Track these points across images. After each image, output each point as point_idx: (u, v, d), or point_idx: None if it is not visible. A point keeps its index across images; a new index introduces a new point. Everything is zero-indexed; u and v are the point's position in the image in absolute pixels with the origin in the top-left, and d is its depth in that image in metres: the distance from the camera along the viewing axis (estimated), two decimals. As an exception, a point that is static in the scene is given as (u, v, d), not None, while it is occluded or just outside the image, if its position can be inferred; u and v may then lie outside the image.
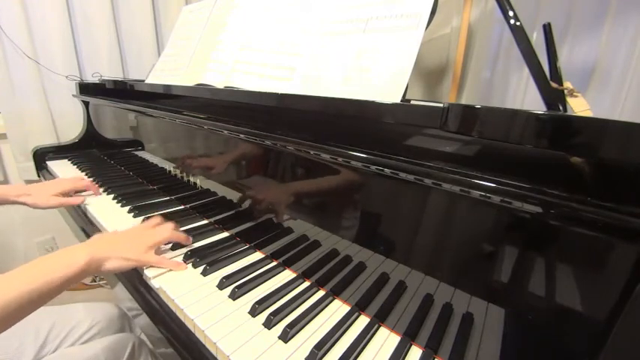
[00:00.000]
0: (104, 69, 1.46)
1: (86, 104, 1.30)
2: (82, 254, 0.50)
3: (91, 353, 0.66)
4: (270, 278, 0.57)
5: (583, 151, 0.30)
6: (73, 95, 1.30)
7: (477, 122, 0.35)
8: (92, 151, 1.32)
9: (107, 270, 0.53)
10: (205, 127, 0.70)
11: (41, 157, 1.23)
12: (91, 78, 1.40)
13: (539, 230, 0.33)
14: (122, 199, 0.86)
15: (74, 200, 0.86)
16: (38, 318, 0.71)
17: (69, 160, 1.23)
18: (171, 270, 0.58)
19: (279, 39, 0.72)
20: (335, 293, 0.53)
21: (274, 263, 0.61)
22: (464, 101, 1.14)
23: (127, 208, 0.82)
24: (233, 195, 0.71)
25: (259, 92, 0.61)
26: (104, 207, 0.84)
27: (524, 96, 0.99)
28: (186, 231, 0.70)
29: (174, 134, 0.88)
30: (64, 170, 1.14)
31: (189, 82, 0.89)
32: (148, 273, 0.57)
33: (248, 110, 0.69)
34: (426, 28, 0.50)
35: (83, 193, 0.91)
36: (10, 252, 1.41)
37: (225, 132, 0.65)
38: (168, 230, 0.62)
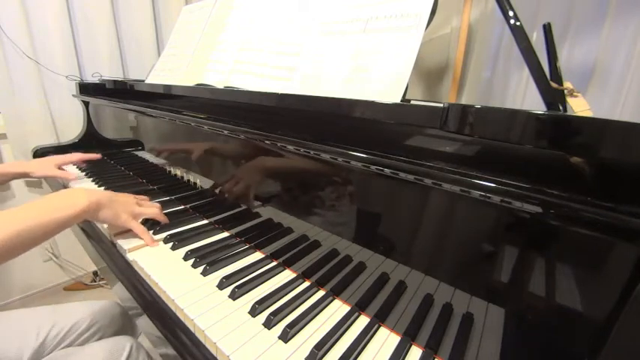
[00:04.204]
0: (104, 69, 1.46)
1: (86, 104, 1.30)
2: (84, 197, 0.57)
3: (88, 355, 0.66)
4: (270, 278, 0.57)
5: (583, 151, 0.30)
6: (73, 95, 1.30)
7: (477, 122, 0.35)
8: (92, 151, 1.32)
9: (100, 218, 0.60)
10: (205, 127, 0.69)
11: (41, 157, 1.23)
12: (91, 78, 1.40)
13: (539, 230, 0.33)
14: (122, 199, 0.86)
15: (66, 174, 0.94)
16: (39, 317, 0.71)
17: (69, 160, 1.23)
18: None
19: (278, 39, 0.72)
20: (335, 293, 0.53)
21: (274, 263, 0.61)
22: (464, 101, 1.14)
23: (127, 208, 0.82)
24: (233, 195, 0.71)
25: (259, 92, 0.61)
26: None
27: (524, 96, 0.99)
28: (186, 231, 0.70)
29: (174, 134, 0.88)
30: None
31: (189, 82, 0.89)
32: (149, 271, 0.57)
33: (248, 110, 0.69)
34: (426, 28, 0.50)
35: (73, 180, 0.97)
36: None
37: (225, 132, 0.65)
38: (154, 208, 0.70)
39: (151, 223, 0.72)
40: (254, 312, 0.49)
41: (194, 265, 0.59)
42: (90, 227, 0.80)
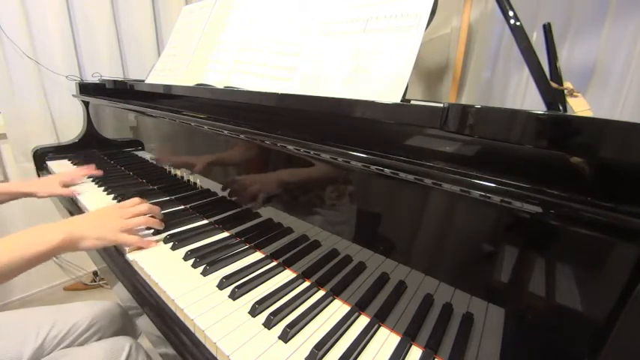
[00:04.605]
0: (104, 69, 1.46)
1: (86, 104, 1.30)
2: (57, 233, 0.54)
3: (88, 355, 0.66)
4: (270, 278, 0.57)
5: (583, 151, 0.30)
6: (73, 95, 1.30)
7: (477, 122, 0.35)
8: (92, 151, 1.32)
9: (83, 249, 0.58)
10: (205, 127, 0.69)
11: (41, 157, 1.23)
12: (91, 78, 1.40)
13: (540, 230, 0.33)
14: (122, 199, 0.86)
15: (71, 192, 0.92)
16: (39, 317, 0.71)
17: (69, 160, 1.23)
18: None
19: (278, 39, 0.72)
20: (335, 293, 0.53)
21: (274, 263, 0.61)
22: (464, 101, 1.14)
23: (127, 208, 0.82)
24: (233, 195, 0.71)
25: (259, 92, 0.61)
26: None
27: (524, 96, 0.99)
28: (186, 231, 0.70)
29: (174, 134, 0.88)
30: (64, 170, 1.14)
31: (189, 82, 0.89)
32: (149, 271, 0.57)
33: (248, 110, 0.69)
34: (426, 28, 0.50)
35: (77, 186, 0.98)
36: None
37: (225, 132, 0.65)
38: (141, 218, 0.66)
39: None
40: (254, 312, 0.49)
41: (194, 265, 0.59)
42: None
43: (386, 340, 0.46)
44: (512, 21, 0.52)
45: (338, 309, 0.51)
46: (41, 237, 0.53)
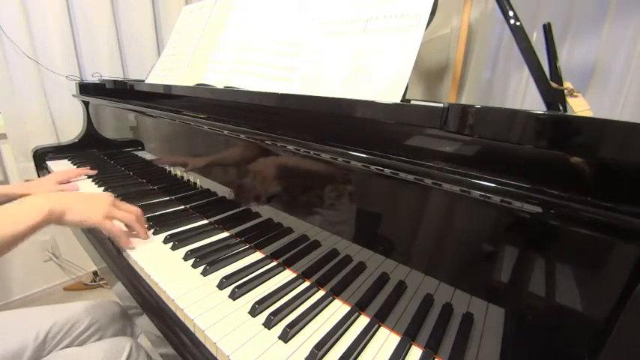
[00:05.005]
0: (104, 69, 1.46)
1: (86, 104, 1.30)
2: (44, 204, 0.54)
3: (88, 356, 0.66)
4: (270, 278, 0.57)
5: (583, 151, 0.30)
6: (73, 95, 1.30)
7: (477, 122, 0.35)
8: (92, 151, 1.32)
9: (68, 222, 0.57)
10: (205, 127, 0.69)
11: (41, 157, 1.23)
12: (91, 78, 1.40)
13: (540, 230, 0.33)
14: (122, 199, 0.86)
15: (70, 187, 0.94)
16: (39, 317, 0.71)
17: (69, 160, 1.23)
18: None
19: (278, 39, 0.72)
20: (335, 293, 0.53)
21: (274, 263, 0.61)
22: (464, 101, 1.14)
23: (127, 208, 0.82)
24: (233, 195, 0.71)
25: (259, 92, 0.61)
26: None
27: (524, 96, 0.99)
28: (186, 231, 0.70)
29: (174, 134, 0.88)
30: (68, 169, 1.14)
31: (189, 82, 0.89)
32: (149, 271, 0.57)
33: (248, 110, 0.69)
34: (426, 28, 0.50)
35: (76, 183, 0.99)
36: (10, 252, 1.42)
37: (225, 132, 0.65)
38: (130, 214, 0.65)
39: (151, 223, 0.72)
40: (254, 312, 0.49)
41: (194, 265, 0.59)
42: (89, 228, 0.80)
43: (386, 340, 0.46)
44: (512, 21, 0.52)
45: (338, 309, 0.51)
46: (29, 209, 0.53)
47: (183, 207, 0.84)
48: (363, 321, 0.49)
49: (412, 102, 0.46)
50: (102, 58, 1.47)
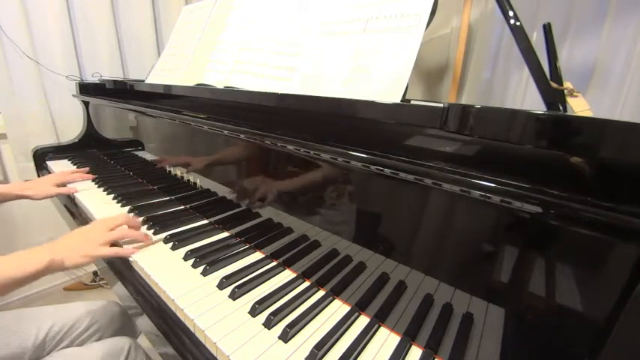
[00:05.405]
0: (104, 69, 1.46)
1: (86, 104, 1.30)
2: (44, 257, 0.56)
3: (88, 356, 0.66)
4: (270, 278, 0.57)
5: (583, 151, 0.30)
6: (73, 95, 1.30)
7: (477, 122, 0.35)
8: (92, 151, 1.32)
9: (69, 268, 0.59)
10: (205, 127, 0.69)
11: (41, 157, 1.23)
12: (91, 78, 1.40)
13: (540, 230, 0.33)
14: (122, 199, 0.86)
15: (68, 190, 0.93)
16: (39, 317, 0.71)
17: (69, 160, 1.23)
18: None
19: (278, 39, 0.72)
20: (335, 293, 0.53)
21: (274, 263, 0.61)
22: (464, 101, 1.14)
23: (127, 208, 0.82)
24: (233, 195, 0.71)
25: (259, 92, 0.61)
26: (104, 207, 0.84)
27: (524, 96, 0.99)
28: (186, 231, 0.70)
29: (174, 134, 0.88)
30: (64, 170, 1.14)
31: (189, 82, 0.89)
32: (149, 271, 0.57)
33: (248, 110, 0.69)
34: (426, 28, 0.50)
35: (75, 184, 0.98)
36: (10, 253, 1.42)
37: (225, 132, 0.65)
38: (123, 231, 0.65)
39: (151, 223, 0.72)
40: (254, 312, 0.49)
41: (194, 265, 0.59)
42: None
43: (386, 340, 0.46)
44: (512, 21, 0.52)
45: (338, 309, 0.51)
46: (30, 260, 0.55)
47: (183, 207, 0.84)
48: (363, 321, 0.49)
49: (412, 102, 0.46)
50: (102, 58, 1.47)
